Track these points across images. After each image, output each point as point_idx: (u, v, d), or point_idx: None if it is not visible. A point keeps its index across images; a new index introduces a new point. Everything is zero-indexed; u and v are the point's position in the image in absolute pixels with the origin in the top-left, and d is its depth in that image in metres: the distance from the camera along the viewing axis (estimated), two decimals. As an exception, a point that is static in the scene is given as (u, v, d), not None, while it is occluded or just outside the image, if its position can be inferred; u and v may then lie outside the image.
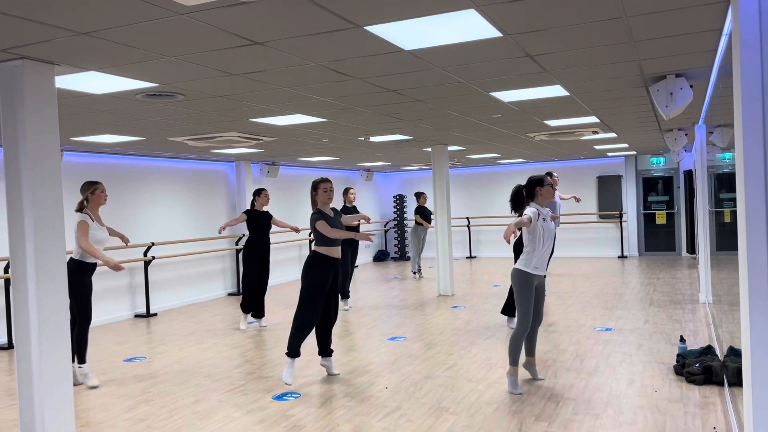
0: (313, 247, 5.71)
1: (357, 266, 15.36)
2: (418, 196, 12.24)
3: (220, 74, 4.30)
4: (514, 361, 4.92)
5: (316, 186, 5.42)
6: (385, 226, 17.24)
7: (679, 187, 14.55)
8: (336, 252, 5.34)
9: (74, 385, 5.56)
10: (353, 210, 9.22)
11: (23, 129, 3.58)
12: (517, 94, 5.61)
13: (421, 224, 12.15)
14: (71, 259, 5.53)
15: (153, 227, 9.85)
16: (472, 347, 6.46)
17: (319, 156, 11.22)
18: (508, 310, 7.28)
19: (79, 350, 5.61)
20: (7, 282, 7.37)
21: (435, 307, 9.05)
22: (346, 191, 9.20)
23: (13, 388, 5.64)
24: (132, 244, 9.23)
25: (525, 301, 4.84)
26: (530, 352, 5.21)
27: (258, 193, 7.97)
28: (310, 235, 13.31)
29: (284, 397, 5.02)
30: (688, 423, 4.12)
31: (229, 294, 11.30)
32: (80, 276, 5.50)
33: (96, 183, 5.66)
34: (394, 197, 16.96)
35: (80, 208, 5.58)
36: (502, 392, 4.94)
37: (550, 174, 7.81)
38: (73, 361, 5.57)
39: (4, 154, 3.66)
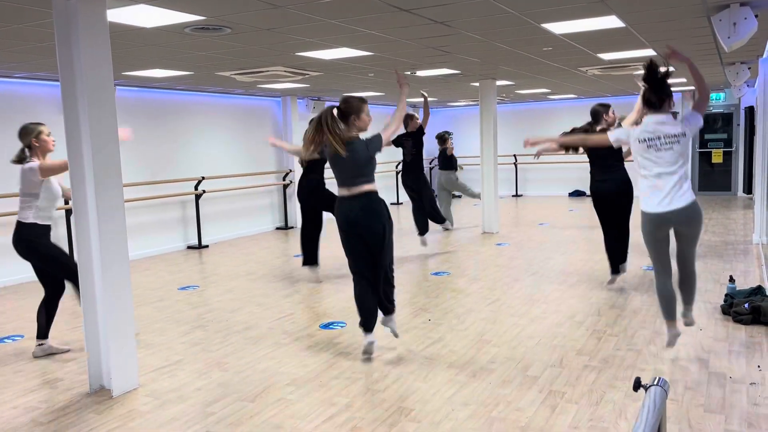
0: (371, 187, 4.32)
1: (434, 192, 15.38)
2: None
3: (266, 6, 4.28)
4: (665, 312, 4.24)
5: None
6: (430, 164, 17.16)
7: (738, 125, 13.94)
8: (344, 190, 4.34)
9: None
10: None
11: (79, 62, 3.67)
12: (569, 25, 5.40)
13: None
14: (31, 223, 4.48)
15: (202, 161, 10.07)
16: (516, 283, 6.50)
17: (365, 91, 11.13)
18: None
19: (51, 321, 4.74)
20: (68, 212, 7.72)
21: (479, 244, 9.08)
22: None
23: (78, 311, 6.00)
24: (183, 178, 9.50)
25: (646, 244, 4.14)
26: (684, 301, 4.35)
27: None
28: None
29: (331, 326, 5.21)
30: (732, 361, 4.11)
31: (277, 228, 11.57)
32: (47, 239, 4.57)
33: (40, 125, 4.51)
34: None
35: (20, 159, 4.50)
36: (544, 327, 5.00)
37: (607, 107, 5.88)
38: (45, 336, 4.73)
39: (62, 87, 3.77)
